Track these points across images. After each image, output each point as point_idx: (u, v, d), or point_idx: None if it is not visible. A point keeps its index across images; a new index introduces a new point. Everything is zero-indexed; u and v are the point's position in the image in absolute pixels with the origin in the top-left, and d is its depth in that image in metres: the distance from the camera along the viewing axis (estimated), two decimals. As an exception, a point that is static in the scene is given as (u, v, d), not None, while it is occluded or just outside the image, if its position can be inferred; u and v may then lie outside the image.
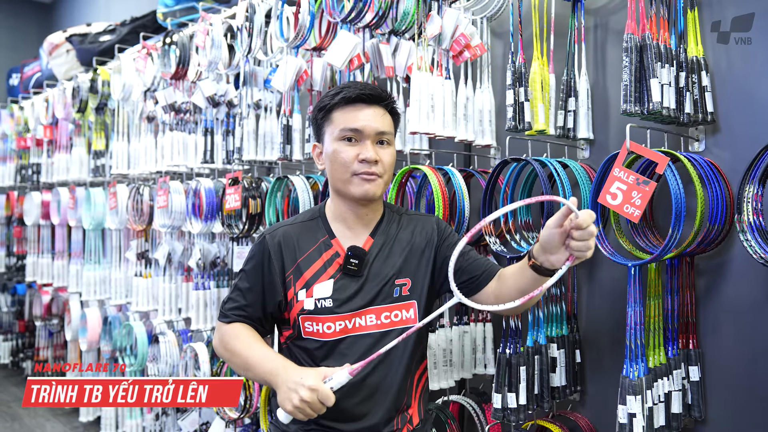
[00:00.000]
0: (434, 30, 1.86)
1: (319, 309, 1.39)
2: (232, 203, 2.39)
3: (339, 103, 1.41)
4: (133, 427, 3.28)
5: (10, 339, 5.19)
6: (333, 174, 1.42)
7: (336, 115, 1.41)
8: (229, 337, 1.43)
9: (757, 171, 1.39)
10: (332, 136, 1.41)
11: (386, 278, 1.43)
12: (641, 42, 1.50)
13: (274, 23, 2.31)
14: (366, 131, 1.39)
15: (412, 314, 1.44)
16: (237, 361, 1.41)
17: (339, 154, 1.39)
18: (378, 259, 1.44)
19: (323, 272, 1.42)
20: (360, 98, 1.40)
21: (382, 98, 1.43)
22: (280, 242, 1.43)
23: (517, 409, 1.65)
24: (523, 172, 1.84)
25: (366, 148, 1.38)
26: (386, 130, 1.42)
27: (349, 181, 1.39)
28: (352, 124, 1.39)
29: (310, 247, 1.44)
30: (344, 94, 1.40)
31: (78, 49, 4.20)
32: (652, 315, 1.59)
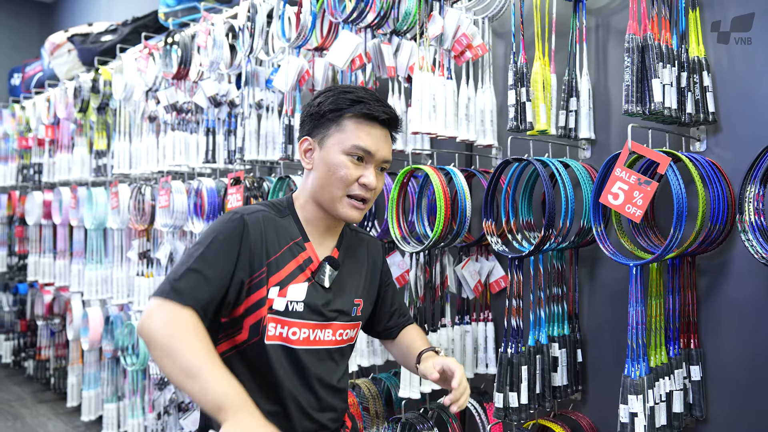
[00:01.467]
0: (436, 30, 1.86)
1: (290, 312, 1.30)
2: (234, 203, 2.40)
3: (357, 114, 1.31)
4: (135, 426, 3.29)
5: (11, 338, 5.20)
6: (324, 184, 1.32)
7: (349, 125, 1.31)
8: (185, 327, 1.15)
9: (759, 171, 1.39)
10: (340, 146, 1.30)
11: (348, 295, 1.41)
12: (643, 42, 1.50)
13: (276, 23, 2.32)
14: (376, 156, 1.32)
15: (354, 333, 1.45)
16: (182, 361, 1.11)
17: (342, 168, 1.30)
18: (341, 274, 1.40)
19: (298, 274, 1.33)
20: (379, 119, 1.32)
21: (396, 124, 1.37)
22: (261, 226, 1.29)
23: (518, 409, 1.66)
24: (525, 172, 1.84)
25: (369, 172, 1.31)
26: (390, 159, 1.37)
27: (340, 200, 1.32)
28: (367, 145, 1.30)
29: (284, 245, 1.33)
30: (367, 109, 1.31)
31: (79, 49, 4.20)
32: (654, 314, 1.59)
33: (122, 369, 3.45)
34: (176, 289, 1.18)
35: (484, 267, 2.06)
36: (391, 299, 1.57)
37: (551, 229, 1.64)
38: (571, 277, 1.87)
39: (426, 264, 2.00)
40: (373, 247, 1.54)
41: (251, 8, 2.37)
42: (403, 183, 1.95)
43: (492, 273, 2.06)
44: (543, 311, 1.77)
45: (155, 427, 3.02)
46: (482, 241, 2.00)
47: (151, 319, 1.15)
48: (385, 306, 1.56)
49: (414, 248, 1.87)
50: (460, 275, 2.04)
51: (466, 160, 2.19)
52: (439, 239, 1.81)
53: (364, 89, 1.36)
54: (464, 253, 2.08)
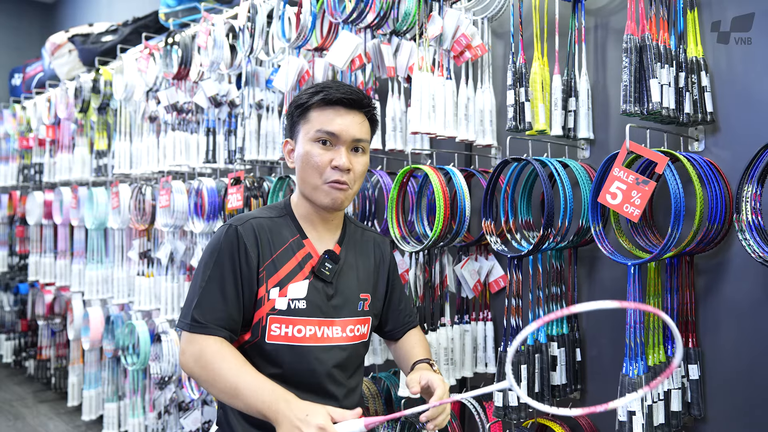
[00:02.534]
0: (435, 30, 1.87)
1: (292, 310, 1.32)
2: (235, 203, 2.40)
3: (318, 103, 1.34)
4: (136, 426, 3.29)
5: (12, 338, 5.21)
6: (303, 176, 1.36)
7: (313, 115, 1.35)
8: (211, 356, 1.24)
9: (756, 170, 1.40)
10: (307, 136, 1.35)
11: (353, 290, 1.41)
12: (641, 42, 1.51)
13: (276, 23, 2.32)
14: (342, 137, 1.33)
15: (365, 330, 1.45)
16: (221, 386, 1.23)
17: (312, 157, 1.33)
18: (345, 269, 1.42)
19: (298, 272, 1.35)
20: (341, 101, 1.34)
21: (363, 104, 1.37)
22: (254, 233, 1.33)
23: (517, 408, 1.66)
24: (524, 172, 1.85)
25: (340, 155, 1.33)
26: (363, 138, 1.37)
27: (319, 189, 1.34)
28: (329, 127, 1.33)
29: (283, 244, 1.36)
30: (325, 95, 1.34)
31: (80, 49, 4.21)
32: (652, 314, 1.60)
33: (123, 368, 3.46)
34: (197, 320, 1.28)
35: (483, 266, 2.06)
36: (399, 297, 1.58)
37: (550, 228, 1.65)
38: (570, 276, 1.87)
39: (425, 263, 2.00)
40: (381, 244, 1.55)
41: (251, 9, 2.37)
42: (402, 183, 1.95)
43: (491, 272, 2.07)
44: (542, 310, 1.77)
45: (156, 426, 3.03)
46: (481, 240, 2.01)
47: (185, 358, 1.28)
48: (393, 303, 1.56)
49: (413, 248, 1.88)
50: (459, 275, 2.05)
51: (466, 160, 2.20)
52: (438, 239, 1.82)
53: (332, 81, 1.42)
54: (463, 252, 2.09)
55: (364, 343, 1.46)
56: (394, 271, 1.58)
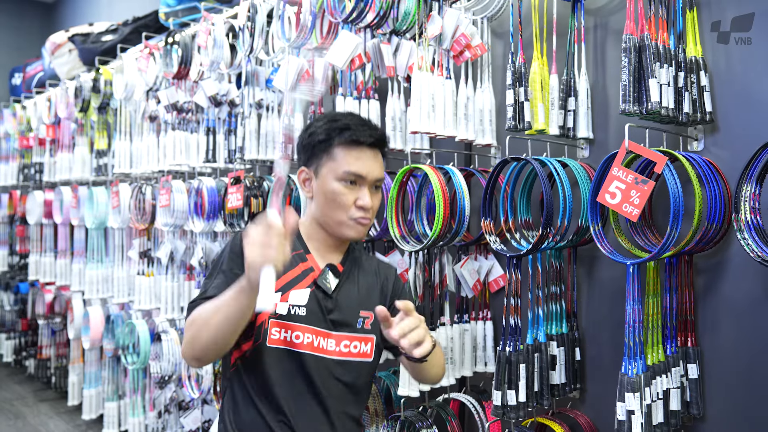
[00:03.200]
0: (435, 30, 1.87)
1: (292, 315, 1.36)
2: (235, 202, 2.41)
3: (344, 141, 1.38)
4: (136, 425, 3.30)
5: (12, 337, 5.21)
6: (326, 212, 1.40)
7: (339, 153, 1.38)
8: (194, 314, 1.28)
9: (755, 170, 1.40)
10: (333, 174, 1.38)
11: (353, 307, 1.42)
12: (640, 42, 1.51)
13: (276, 23, 2.33)
14: (368, 178, 1.39)
15: (369, 349, 1.44)
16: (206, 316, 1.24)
17: (339, 195, 1.37)
18: (346, 286, 1.44)
19: (300, 281, 1.40)
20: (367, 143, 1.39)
21: (383, 144, 1.44)
22: None
23: (516, 407, 1.67)
24: (523, 172, 1.85)
25: (364, 194, 1.39)
26: (382, 177, 1.45)
27: (345, 224, 1.39)
28: (356, 169, 1.37)
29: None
30: (352, 135, 1.38)
31: (80, 49, 4.21)
32: (651, 313, 1.60)
33: (123, 368, 3.46)
34: (189, 308, 1.33)
35: (482, 266, 2.07)
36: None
37: (549, 228, 1.65)
38: (569, 275, 1.88)
39: (425, 263, 2.01)
40: (385, 269, 1.57)
41: (251, 8, 2.38)
42: (402, 182, 1.95)
43: (491, 272, 2.07)
44: (541, 310, 1.77)
45: (156, 425, 3.03)
46: (481, 240, 2.01)
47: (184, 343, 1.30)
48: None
49: (413, 247, 1.88)
50: (459, 274, 2.05)
51: (465, 160, 2.20)
52: (438, 238, 1.82)
53: (351, 115, 1.45)
54: (463, 252, 2.09)
55: (366, 363, 1.44)
56: (402, 293, 1.56)
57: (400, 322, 1.22)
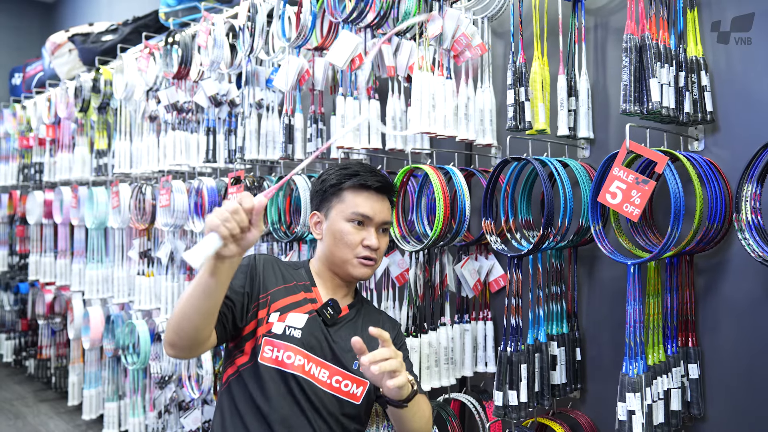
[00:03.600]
0: (435, 30, 1.87)
1: (287, 336, 1.41)
2: (235, 202, 2.40)
3: (354, 186, 1.49)
4: (136, 425, 3.29)
5: (12, 337, 5.21)
6: (334, 251, 1.49)
7: (348, 197, 1.50)
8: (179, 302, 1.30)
9: (756, 170, 1.40)
10: (342, 214, 1.48)
11: (350, 349, 1.43)
12: (641, 42, 1.51)
13: (276, 23, 2.33)
14: (375, 219, 1.49)
15: (359, 392, 1.46)
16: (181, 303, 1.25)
17: (346, 235, 1.47)
18: (348, 326, 1.50)
19: (300, 306, 1.46)
20: (374, 188, 1.50)
21: (390, 191, 1.55)
22: (270, 264, 1.49)
23: (517, 407, 1.66)
24: (524, 172, 1.85)
25: (371, 235, 1.48)
26: (389, 221, 1.55)
27: (350, 262, 1.48)
28: (364, 210, 1.48)
29: (291, 282, 1.50)
30: (361, 180, 1.49)
31: (80, 49, 4.21)
32: (652, 313, 1.60)
33: (123, 368, 3.46)
34: None
35: (483, 266, 2.07)
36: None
37: (550, 228, 1.65)
38: (570, 275, 1.88)
39: (425, 263, 2.00)
40: (388, 321, 1.63)
41: (251, 8, 2.37)
42: (402, 182, 1.95)
43: (491, 272, 2.07)
44: (542, 310, 1.77)
45: (156, 425, 3.03)
46: (481, 240, 2.01)
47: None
48: None
49: (413, 247, 1.88)
50: (459, 274, 2.05)
51: (466, 160, 2.20)
52: (438, 238, 1.82)
53: (361, 164, 1.60)
54: (463, 252, 2.09)
55: (353, 404, 1.45)
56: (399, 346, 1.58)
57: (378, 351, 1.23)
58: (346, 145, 1.98)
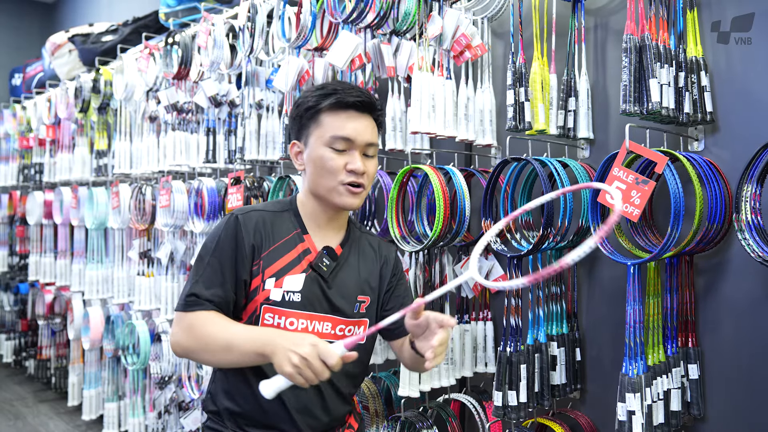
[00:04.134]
0: (435, 30, 1.87)
1: (286, 302, 1.34)
2: (235, 202, 2.41)
3: (330, 106, 1.35)
4: (136, 426, 3.30)
5: (12, 338, 5.21)
6: (317, 179, 1.37)
7: (326, 119, 1.35)
8: (201, 324, 1.27)
9: (755, 170, 1.40)
10: (320, 140, 1.35)
11: (350, 292, 1.41)
12: (640, 42, 1.51)
13: (276, 23, 2.33)
14: (357, 141, 1.35)
15: (361, 331, 1.43)
16: (214, 346, 1.25)
17: (327, 161, 1.34)
18: (344, 269, 1.42)
19: (295, 265, 1.36)
20: (354, 105, 1.35)
21: (374, 108, 1.39)
22: (254, 224, 1.35)
23: (517, 407, 1.66)
24: (524, 172, 1.85)
25: (354, 159, 1.35)
26: (375, 142, 1.39)
27: (335, 190, 1.36)
28: (344, 132, 1.34)
29: (282, 238, 1.38)
30: (338, 98, 1.34)
31: (80, 49, 4.21)
32: (652, 313, 1.60)
33: (123, 368, 3.46)
34: (189, 302, 1.30)
35: (483, 266, 2.07)
36: (402, 297, 1.53)
37: (550, 228, 1.65)
38: (570, 276, 1.88)
39: (425, 263, 2.00)
40: (386, 250, 1.54)
41: (251, 8, 2.37)
42: (402, 183, 1.95)
43: (491, 272, 2.07)
44: (542, 310, 1.77)
45: (156, 426, 3.03)
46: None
47: (175, 336, 1.30)
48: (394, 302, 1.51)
49: (413, 247, 1.88)
50: (459, 274, 2.05)
51: (466, 160, 2.20)
52: (438, 238, 1.82)
53: (339, 82, 1.41)
54: (463, 252, 2.09)
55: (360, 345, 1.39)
56: (398, 273, 1.55)
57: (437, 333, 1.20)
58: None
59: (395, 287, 1.53)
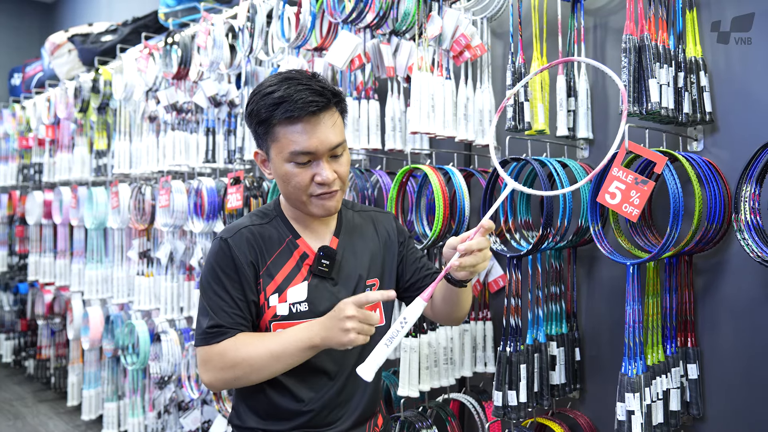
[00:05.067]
0: (435, 30, 1.87)
1: (294, 314, 1.29)
2: (234, 202, 2.41)
3: (282, 119, 1.20)
4: (135, 425, 3.29)
5: (12, 338, 5.21)
6: (287, 194, 1.29)
7: (281, 133, 1.21)
8: (234, 350, 1.22)
9: (755, 170, 1.40)
10: (280, 155, 1.23)
11: (357, 280, 1.36)
12: (640, 43, 1.51)
13: (276, 23, 2.33)
14: (320, 151, 1.22)
15: (377, 315, 1.35)
16: (260, 365, 1.22)
17: (292, 177, 1.23)
18: (346, 259, 1.36)
19: (296, 275, 1.31)
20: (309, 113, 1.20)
21: (332, 99, 1.23)
22: (246, 243, 1.28)
23: (517, 407, 1.67)
24: (523, 172, 1.85)
25: (321, 169, 1.23)
26: (340, 141, 1.25)
27: (307, 203, 1.27)
28: (303, 147, 1.20)
29: (276, 249, 1.31)
30: (288, 111, 1.19)
31: (80, 49, 4.21)
32: (651, 313, 1.60)
33: (122, 368, 3.46)
34: (212, 333, 1.25)
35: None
36: (418, 261, 1.48)
37: (549, 228, 1.65)
38: (569, 276, 1.88)
39: (425, 263, 2.00)
40: (384, 221, 1.47)
41: (251, 8, 2.38)
42: (402, 182, 1.95)
43: (490, 272, 2.07)
44: (541, 310, 1.77)
45: (155, 425, 3.03)
46: (481, 240, 2.01)
47: (209, 374, 1.25)
48: (409, 269, 1.47)
49: (413, 247, 1.88)
50: (458, 274, 2.05)
51: (465, 160, 2.20)
52: (438, 238, 1.82)
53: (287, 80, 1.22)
54: (463, 252, 2.09)
55: (378, 328, 1.35)
56: (407, 242, 1.48)
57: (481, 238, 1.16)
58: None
59: (406, 255, 1.47)
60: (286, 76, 1.24)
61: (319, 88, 1.21)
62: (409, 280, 1.46)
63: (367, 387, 1.39)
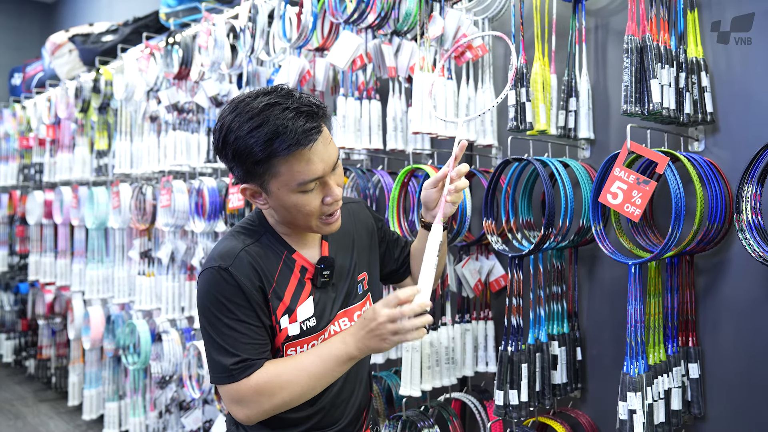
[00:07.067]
0: (436, 31, 1.87)
1: (305, 331, 1.28)
2: (236, 202, 2.41)
3: (284, 156, 1.14)
4: (136, 425, 3.30)
5: (12, 338, 5.22)
6: (293, 220, 1.24)
7: (282, 168, 1.15)
8: (266, 381, 1.18)
9: (756, 170, 1.40)
10: (285, 188, 1.18)
11: (350, 277, 1.37)
12: (641, 43, 1.52)
13: (277, 23, 2.33)
14: (326, 173, 1.19)
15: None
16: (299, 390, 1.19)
17: (304, 207, 1.20)
18: (338, 260, 1.36)
19: (301, 292, 1.28)
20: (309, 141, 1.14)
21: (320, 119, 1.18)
22: (249, 266, 1.23)
23: (518, 406, 1.67)
24: (525, 172, 1.85)
25: (329, 189, 1.21)
26: (338, 153, 1.23)
27: (315, 226, 1.25)
28: (312, 176, 1.16)
29: (276, 268, 1.27)
30: (291, 148, 1.12)
31: (80, 49, 4.22)
32: (652, 313, 1.60)
33: (123, 368, 3.46)
34: (236, 369, 1.19)
35: (484, 266, 2.07)
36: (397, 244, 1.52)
37: (551, 228, 1.65)
38: (571, 275, 1.88)
39: (426, 263, 2.01)
40: (358, 211, 1.46)
41: (252, 9, 2.38)
42: (403, 183, 1.96)
43: (492, 272, 2.08)
44: (543, 309, 1.78)
45: (156, 425, 3.03)
46: (482, 240, 2.01)
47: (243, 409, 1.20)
48: (395, 251, 1.52)
49: (414, 247, 1.88)
50: (460, 274, 2.06)
51: (467, 160, 2.20)
52: (439, 238, 1.82)
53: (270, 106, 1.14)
54: (464, 252, 2.10)
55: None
56: (384, 227, 1.51)
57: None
58: (347, 145, 1.99)
59: (388, 240, 1.52)
60: (266, 103, 1.15)
61: (307, 110, 1.15)
62: (397, 260, 1.53)
63: (364, 380, 1.42)
